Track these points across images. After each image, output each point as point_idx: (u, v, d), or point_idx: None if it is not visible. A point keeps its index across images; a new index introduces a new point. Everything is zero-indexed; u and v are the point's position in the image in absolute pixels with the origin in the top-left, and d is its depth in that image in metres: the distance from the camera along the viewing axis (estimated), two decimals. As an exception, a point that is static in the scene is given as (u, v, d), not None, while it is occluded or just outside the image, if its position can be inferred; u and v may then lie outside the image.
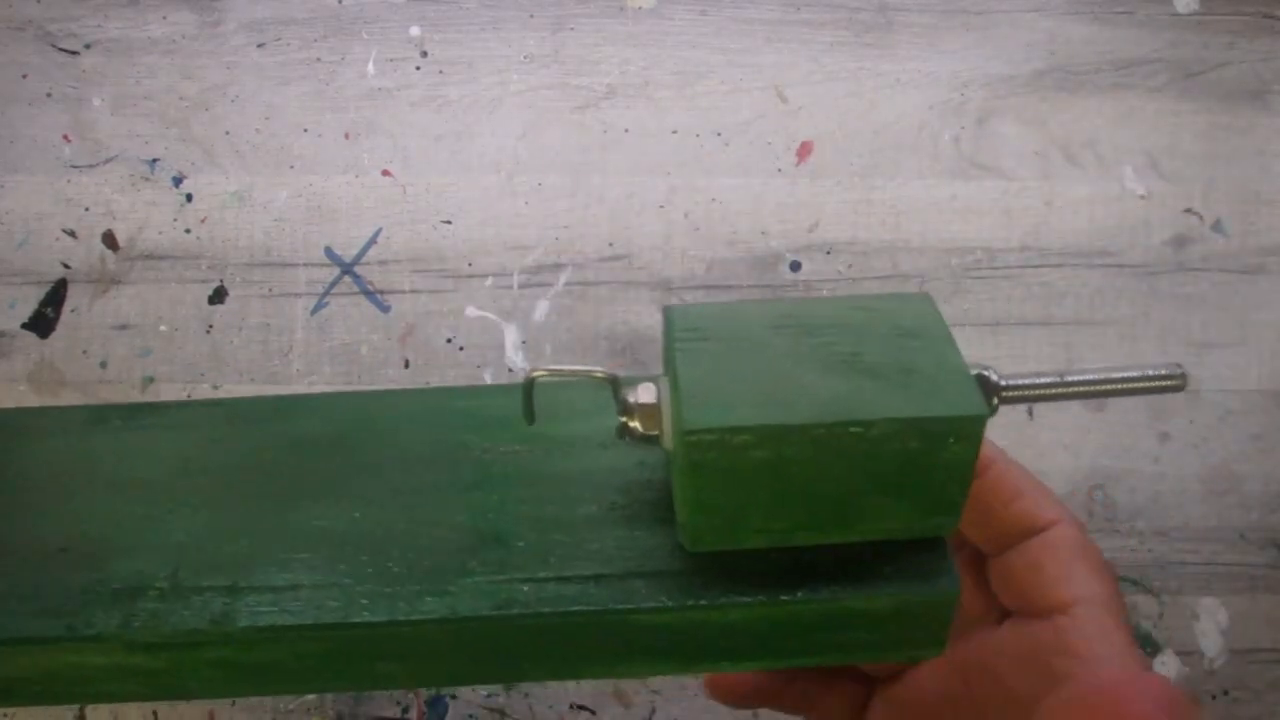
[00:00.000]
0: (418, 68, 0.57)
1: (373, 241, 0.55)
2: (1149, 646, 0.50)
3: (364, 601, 0.22)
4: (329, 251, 0.54)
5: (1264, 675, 0.50)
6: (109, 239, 0.55)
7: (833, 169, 0.56)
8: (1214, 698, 0.50)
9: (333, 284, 0.54)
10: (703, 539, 0.22)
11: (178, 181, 0.56)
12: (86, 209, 0.55)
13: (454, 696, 0.50)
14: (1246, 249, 0.55)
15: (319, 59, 0.57)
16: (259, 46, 0.57)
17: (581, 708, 0.50)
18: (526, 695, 0.50)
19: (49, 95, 0.57)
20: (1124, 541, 0.51)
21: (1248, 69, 0.57)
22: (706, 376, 0.21)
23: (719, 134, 0.56)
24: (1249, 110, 0.57)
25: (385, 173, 0.56)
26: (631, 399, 0.23)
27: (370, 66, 0.57)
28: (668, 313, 0.23)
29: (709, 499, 0.21)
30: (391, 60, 0.57)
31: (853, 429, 0.20)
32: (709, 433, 0.20)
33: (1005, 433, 0.52)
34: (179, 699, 0.24)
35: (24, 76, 0.57)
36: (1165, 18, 0.58)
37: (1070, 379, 0.23)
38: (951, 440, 0.20)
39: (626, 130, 0.56)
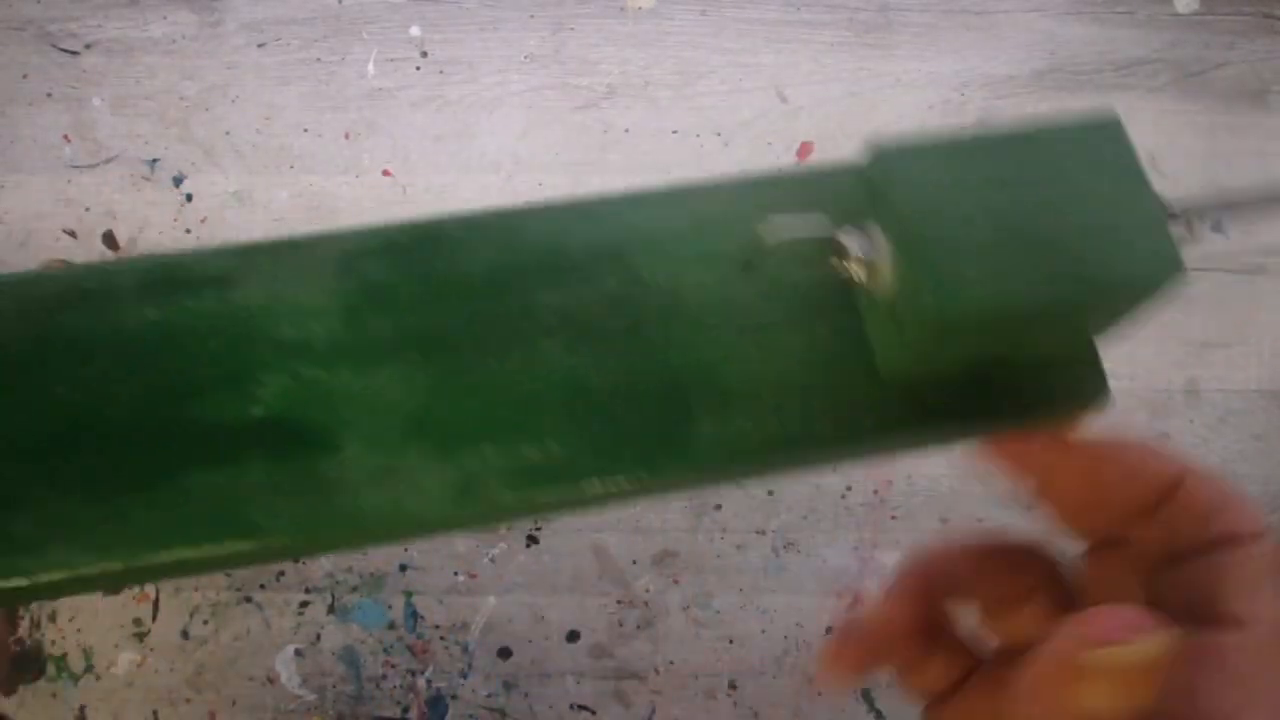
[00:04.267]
0: (418, 68, 0.57)
1: (373, 241, 0.55)
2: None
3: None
4: (329, 251, 0.55)
5: (1264, 675, 0.50)
6: (109, 239, 0.55)
7: (833, 169, 0.56)
8: (1214, 698, 0.50)
9: (333, 284, 0.54)
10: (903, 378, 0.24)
11: (178, 181, 0.56)
12: (87, 209, 0.55)
13: (454, 696, 0.50)
14: (1246, 249, 0.55)
15: (319, 59, 0.57)
16: (259, 46, 0.57)
17: (582, 707, 0.50)
18: (526, 695, 0.50)
19: (49, 95, 0.57)
20: (1124, 541, 0.51)
21: (1248, 69, 0.57)
22: (938, 245, 0.22)
23: (719, 134, 0.56)
24: (1249, 110, 0.57)
25: (385, 173, 0.56)
26: (860, 253, 0.23)
27: (370, 66, 0.57)
28: (875, 155, 0.23)
29: (925, 357, 0.23)
30: (391, 60, 0.57)
31: (1066, 310, 0.22)
32: (956, 324, 0.21)
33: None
34: None
35: (24, 76, 0.57)
36: (1165, 18, 0.58)
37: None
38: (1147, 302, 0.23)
39: (626, 130, 0.56)
